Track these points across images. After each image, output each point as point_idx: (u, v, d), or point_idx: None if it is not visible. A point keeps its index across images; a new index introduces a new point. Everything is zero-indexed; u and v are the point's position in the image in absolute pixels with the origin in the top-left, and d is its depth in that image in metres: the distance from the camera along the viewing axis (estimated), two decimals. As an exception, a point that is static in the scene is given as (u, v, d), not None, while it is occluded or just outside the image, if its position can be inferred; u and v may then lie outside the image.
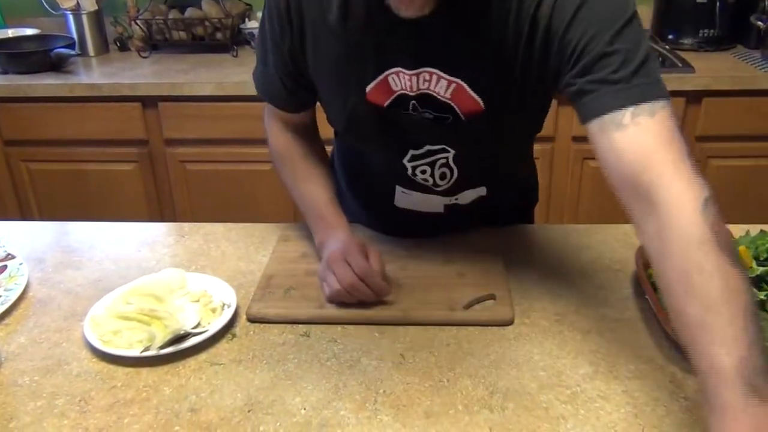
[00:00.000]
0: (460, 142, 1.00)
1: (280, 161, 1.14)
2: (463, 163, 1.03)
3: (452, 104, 0.94)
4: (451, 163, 1.02)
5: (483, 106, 0.93)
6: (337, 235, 1.03)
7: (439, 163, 1.02)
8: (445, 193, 1.08)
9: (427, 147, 1.00)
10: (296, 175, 1.12)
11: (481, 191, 1.10)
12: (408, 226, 1.14)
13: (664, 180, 0.73)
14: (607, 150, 0.78)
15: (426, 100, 0.94)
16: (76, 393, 0.83)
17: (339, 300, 0.96)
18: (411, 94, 0.94)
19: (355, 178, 1.22)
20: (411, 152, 1.01)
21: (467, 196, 1.10)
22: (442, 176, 1.04)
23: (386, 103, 0.96)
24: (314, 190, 1.10)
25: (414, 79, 0.92)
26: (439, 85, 0.92)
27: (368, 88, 0.95)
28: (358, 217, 1.20)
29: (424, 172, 1.04)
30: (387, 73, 0.93)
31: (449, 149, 1.01)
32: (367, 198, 1.21)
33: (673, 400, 0.79)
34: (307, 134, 1.14)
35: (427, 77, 0.92)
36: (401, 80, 0.93)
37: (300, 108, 1.09)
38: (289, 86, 1.04)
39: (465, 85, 0.91)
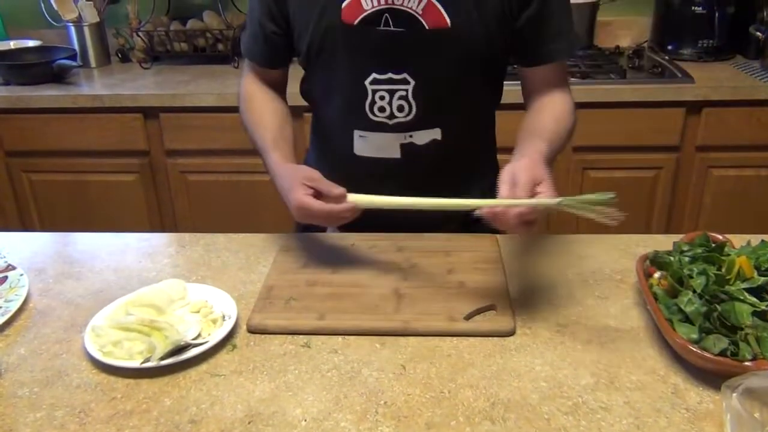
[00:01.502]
0: (421, 66, 1.11)
1: (244, 106, 1.26)
2: (421, 97, 1.13)
3: (421, 19, 1.08)
4: (410, 97, 1.13)
5: (449, 22, 1.08)
6: (282, 170, 1.10)
7: (398, 94, 1.13)
8: (400, 128, 1.16)
9: (390, 74, 1.12)
10: (254, 119, 1.23)
11: (436, 134, 1.18)
12: (368, 178, 1.18)
13: (562, 92, 1.19)
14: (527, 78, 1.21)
15: (396, 14, 1.08)
16: (76, 404, 0.83)
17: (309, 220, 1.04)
18: (383, 7, 1.08)
19: (320, 136, 1.31)
20: (374, 75, 1.13)
21: (422, 137, 1.17)
22: (400, 108, 1.14)
23: (356, 21, 1.10)
24: (267, 131, 1.19)
25: None
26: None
27: (343, 6, 1.09)
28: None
29: (383, 98, 1.14)
30: None
31: (410, 79, 1.12)
32: (330, 154, 1.29)
33: (675, 411, 0.79)
34: (275, 91, 1.28)
35: None
36: None
37: (276, 61, 1.25)
38: (269, 35, 1.19)
39: (435, 1, 1.07)
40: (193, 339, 0.91)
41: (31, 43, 2.57)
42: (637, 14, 2.59)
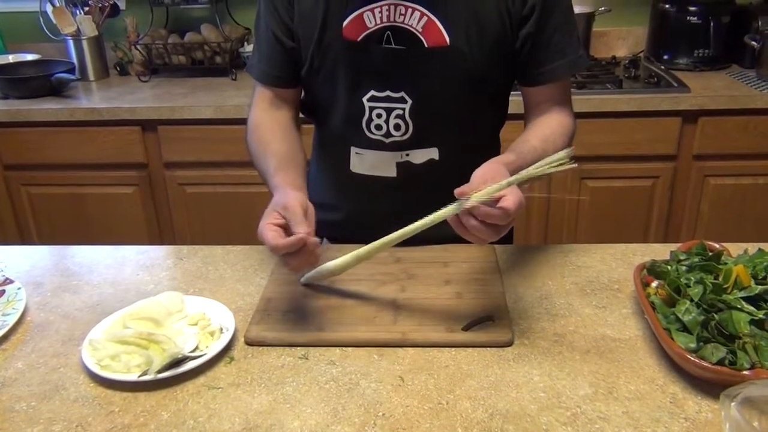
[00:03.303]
0: (420, 85, 1.11)
1: (250, 137, 1.21)
2: (418, 117, 1.13)
3: (421, 37, 1.09)
4: (406, 116, 1.13)
5: (448, 41, 1.08)
6: (275, 196, 1.00)
7: (395, 113, 1.13)
8: (397, 146, 1.16)
9: (388, 92, 1.12)
10: (259, 150, 1.17)
11: (433, 153, 1.17)
12: (364, 196, 1.21)
13: (560, 111, 1.17)
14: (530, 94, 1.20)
15: (397, 32, 1.09)
16: (74, 418, 0.82)
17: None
18: (386, 25, 1.09)
19: (319, 151, 1.31)
20: (372, 92, 1.13)
21: (418, 156, 1.17)
22: (396, 127, 1.14)
23: (360, 38, 1.10)
24: (271, 158, 1.12)
25: (392, 9, 1.08)
26: (413, 17, 1.08)
27: (345, 23, 1.10)
28: (324, 199, 1.24)
29: (380, 116, 1.14)
30: (363, 9, 1.09)
31: (407, 98, 1.12)
32: (327, 170, 1.28)
33: (674, 420, 0.79)
34: (289, 112, 1.23)
35: (403, 11, 1.08)
36: (376, 17, 1.09)
37: (290, 79, 1.20)
38: (283, 52, 1.16)
39: (436, 20, 1.08)
40: (191, 352, 0.91)
41: (29, 57, 2.58)
42: (632, 24, 2.61)
